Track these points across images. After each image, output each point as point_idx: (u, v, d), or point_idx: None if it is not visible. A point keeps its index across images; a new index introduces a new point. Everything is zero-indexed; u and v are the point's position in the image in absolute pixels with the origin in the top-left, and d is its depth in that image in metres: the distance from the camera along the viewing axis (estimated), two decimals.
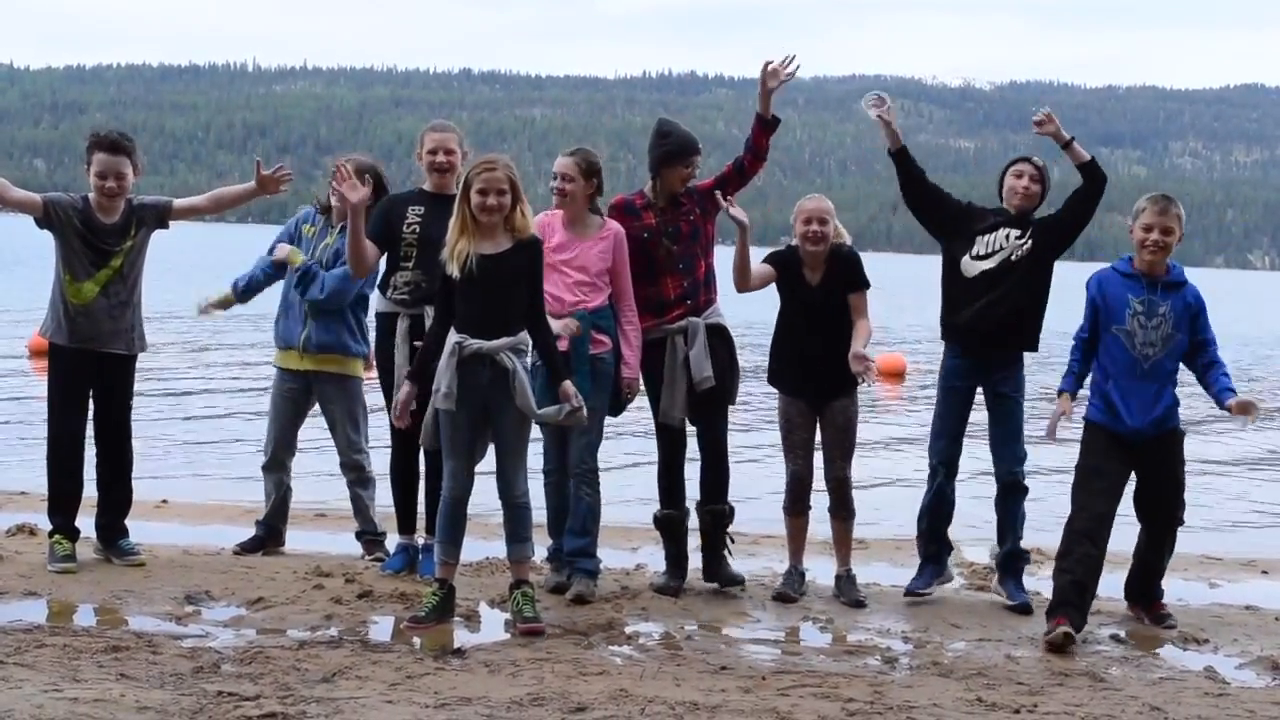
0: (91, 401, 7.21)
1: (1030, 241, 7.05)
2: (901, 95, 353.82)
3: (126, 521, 7.35)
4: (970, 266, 7.10)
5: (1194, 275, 7.03)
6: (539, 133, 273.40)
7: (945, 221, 7.22)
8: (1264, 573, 8.66)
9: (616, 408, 7.05)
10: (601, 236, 6.90)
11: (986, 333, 7.04)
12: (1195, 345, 6.80)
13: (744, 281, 7.13)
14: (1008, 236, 7.08)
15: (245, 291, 7.94)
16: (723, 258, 7.20)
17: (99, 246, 7.08)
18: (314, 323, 7.61)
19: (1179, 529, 6.98)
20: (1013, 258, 7.05)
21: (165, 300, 19.71)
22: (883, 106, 7.01)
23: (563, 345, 6.68)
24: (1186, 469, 6.96)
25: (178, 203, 7.34)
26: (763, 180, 7.38)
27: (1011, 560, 7.16)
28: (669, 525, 7.16)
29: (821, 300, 7.13)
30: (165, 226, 7.34)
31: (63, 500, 7.18)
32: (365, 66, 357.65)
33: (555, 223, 6.92)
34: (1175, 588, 7.57)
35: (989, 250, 7.09)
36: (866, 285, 7.21)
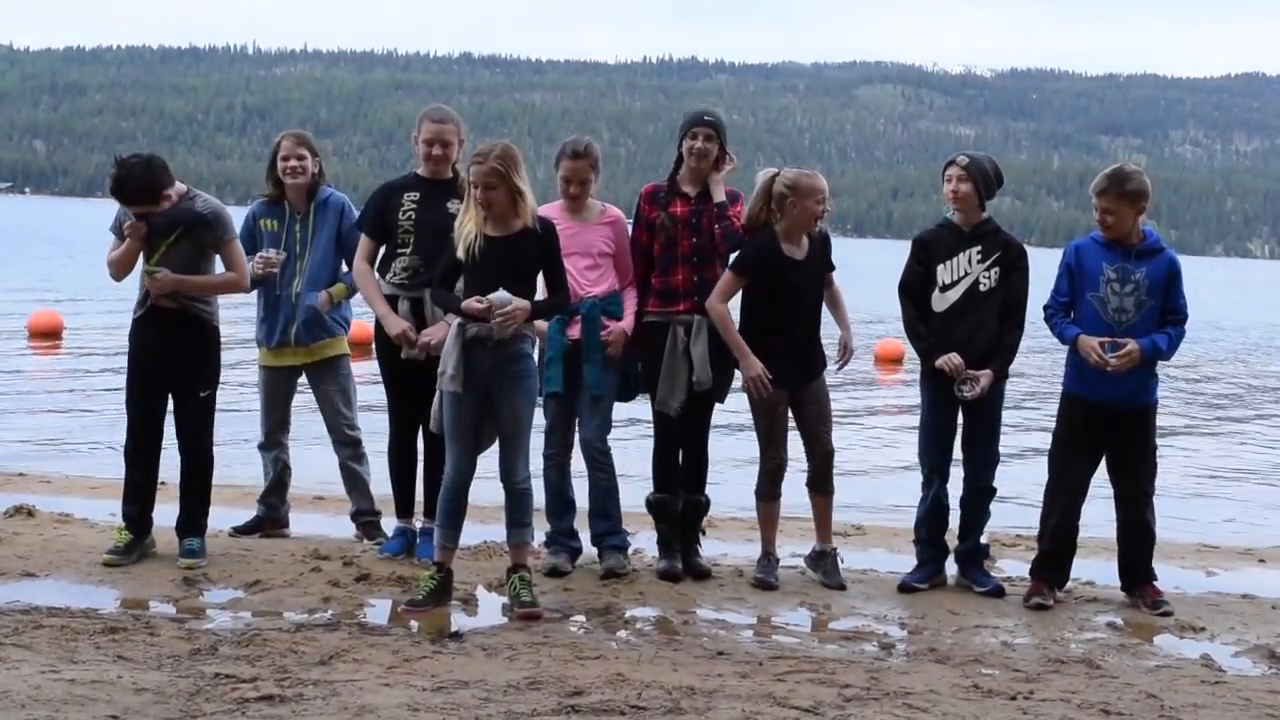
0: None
1: (998, 269, 6.99)
2: (902, 82, 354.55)
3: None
4: (938, 301, 7.03)
5: (1194, 263, 7.07)
6: (539, 118, 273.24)
7: (927, 283, 7.08)
8: (1261, 561, 8.66)
9: (626, 394, 7.15)
10: (604, 221, 7.06)
11: (967, 361, 6.96)
12: (1163, 311, 6.84)
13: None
14: (969, 259, 7.00)
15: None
16: None
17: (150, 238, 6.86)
18: (300, 315, 7.59)
19: (1154, 502, 7.04)
20: (980, 286, 6.99)
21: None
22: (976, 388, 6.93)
23: (573, 333, 6.86)
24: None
25: (224, 251, 6.97)
26: (761, 167, 7.35)
27: (972, 554, 7.21)
28: (663, 509, 7.18)
29: (809, 278, 7.05)
30: (215, 250, 6.95)
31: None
32: (366, 50, 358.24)
33: (553, 212, 6.95)
34: (1172, 576, 7.57)
35: (953, 278, 7.01)
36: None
